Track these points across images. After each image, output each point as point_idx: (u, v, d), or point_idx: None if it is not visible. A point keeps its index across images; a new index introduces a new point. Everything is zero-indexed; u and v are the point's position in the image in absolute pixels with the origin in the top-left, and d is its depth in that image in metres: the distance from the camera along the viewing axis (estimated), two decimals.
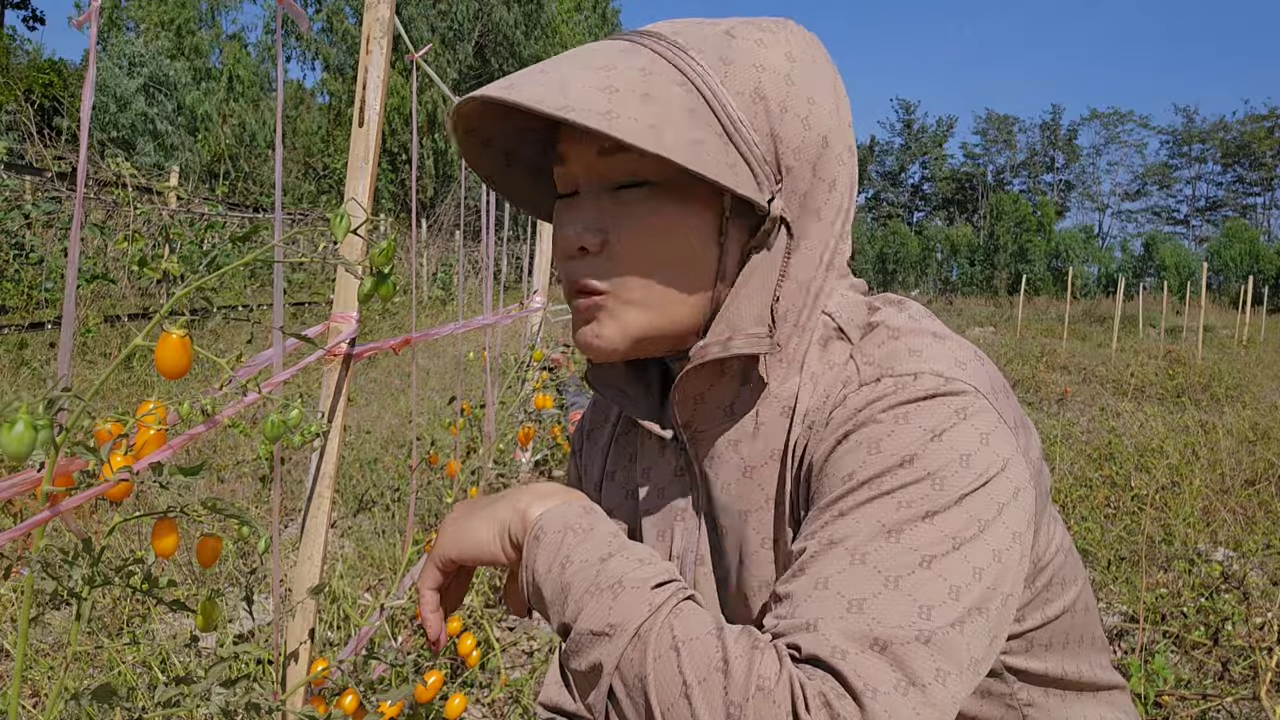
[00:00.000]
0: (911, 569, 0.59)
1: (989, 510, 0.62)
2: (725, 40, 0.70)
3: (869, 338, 0.73)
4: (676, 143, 0.64)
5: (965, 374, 0.67)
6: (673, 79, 0.68)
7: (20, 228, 8.41)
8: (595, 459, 0.93)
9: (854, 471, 0.65)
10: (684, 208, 0.70)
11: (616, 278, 0.72)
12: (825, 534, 0.63)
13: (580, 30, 37.85)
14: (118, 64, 23.72)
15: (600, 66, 0.67)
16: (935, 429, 0.64)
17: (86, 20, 1.05)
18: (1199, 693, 2.35)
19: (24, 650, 0.69)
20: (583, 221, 0.72)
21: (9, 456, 0.65)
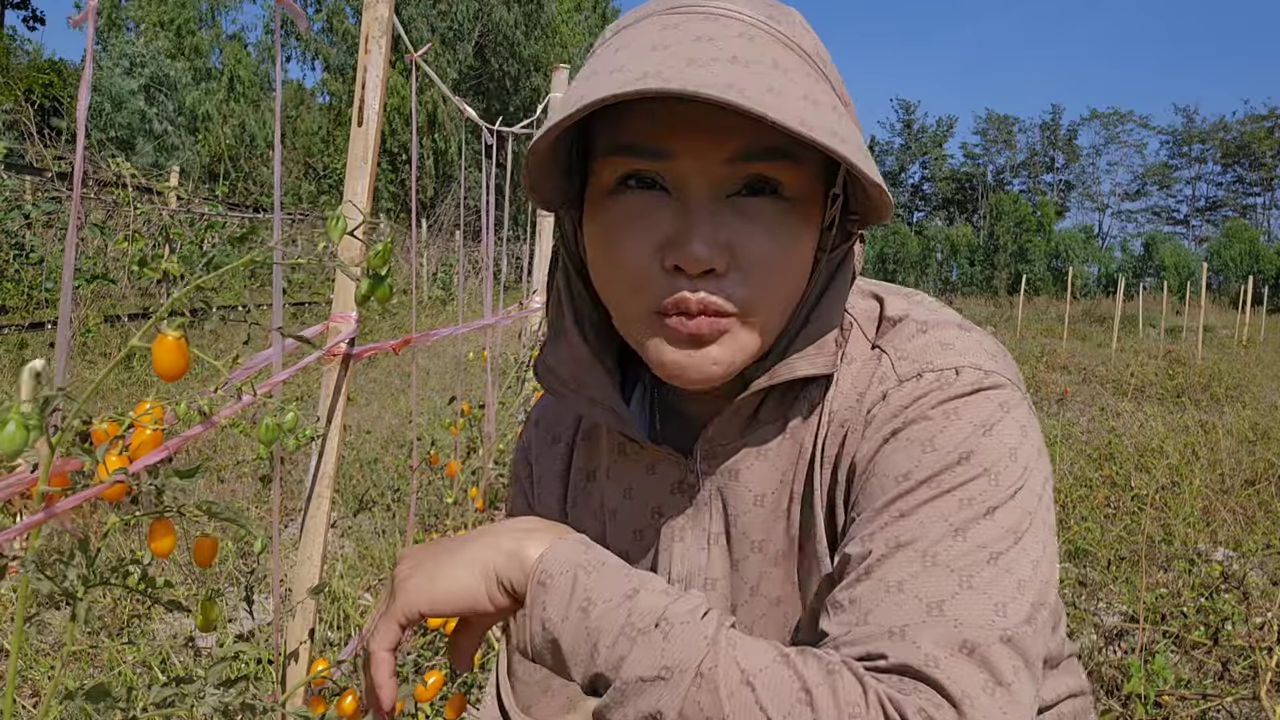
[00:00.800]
0: (982, 566, 0.59)
1: (1032, 501, 0.62)
2: (809, 35, 0.65)
3: (896, 331, 0.71)
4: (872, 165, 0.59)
5: (999, 366, 0.67)
6: (826, 85, 0.63)
7: (20, 228, 8.42)
8: (551, 485, 0.86)
9: (909, 470, 0.63)
10: (805, 221, 0.65)
11: (745, 300, 0.64)
12: (888, 535, 0.61)
13: (580, 30, 37.84)
14: (118, 64, 23.72)
15: (773, 64, 0.59)
16: (985, 423, 0.63)
17: (84, 20, 1.05)
18: (1199, 693, 2.35)
19: (19, 648, 0.69)
20: (709, 238, 0.62)
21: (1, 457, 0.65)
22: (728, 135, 0.61)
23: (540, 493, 0.86)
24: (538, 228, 3.86)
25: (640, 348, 0.67)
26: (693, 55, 0.58)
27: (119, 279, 9.07)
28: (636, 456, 0.78)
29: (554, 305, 0.75)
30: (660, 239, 0.63)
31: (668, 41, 0.60)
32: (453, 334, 2.58)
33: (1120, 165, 63.42)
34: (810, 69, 0.62)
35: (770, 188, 0.63)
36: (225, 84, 30.10)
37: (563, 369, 0.74)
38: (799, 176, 0.63)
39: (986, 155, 62.35)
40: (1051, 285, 43.66)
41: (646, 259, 0.64)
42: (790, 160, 0.62)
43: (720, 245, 0.62)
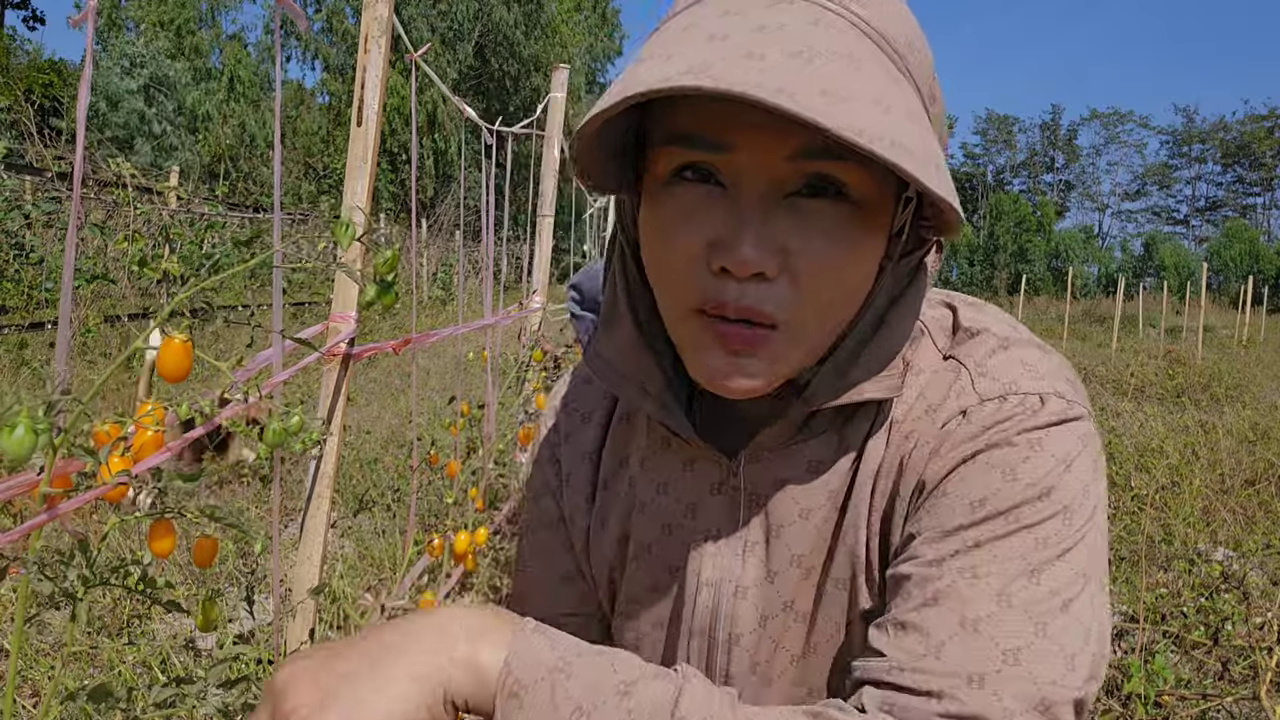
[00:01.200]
0: (1055, 613, 0.58)
1: (1098, 539, 0.62)
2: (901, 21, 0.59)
3: (975, 344, 0.67)
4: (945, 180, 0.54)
5: (1078, 395, 0.65)
6: (909, 85, 0.58)
7: (20, 228, 8.42)
8: (581, 468, 0.82)
9: (986, 497, 0.61)
10: (869, 226, 0.60)
11: (795, 309, 0.59)
12: (962, 564, 0.59)
13: (580, 30, 37.84)
14: (117, 64, 23.72)
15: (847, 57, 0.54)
16: (1066, 458, 0.61)
17: (84, 20, 1.05)
18: (1199, 692, 2.35)
19: (19, 648, 0.69)
20: (760, 241, 0.57)
21: (9, 460, 0.65)
22: (789, 132, 0.56)
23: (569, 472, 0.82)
24: (538, 228, 3.86)
25: (680, 348, 0.65)
26: (750, 48, 0.53)
27: (119, 279, 9.07)
28: (677, 450, 0.74)
29: (609, 290, 0.71)
30: (710, 237, 0.59)
31: (727, 30, 0.55)
32: (453, 334, 2.58)
33: (1120, 165, 63.44)
34: (889, 64, 0.56)
35: (833, 188, 0.58)
36: (225, 84, 30.11)
37: (614, 356, 0.71)
38: (865, 178, 0.58)
39: (986, 155, 62.39)
40: (1051, 285, 43.67)
41: (694, 257, 0.60)
42: (856, 160, 0.57)
43: (773, 248, 0.58)
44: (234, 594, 2.68)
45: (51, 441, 0.64)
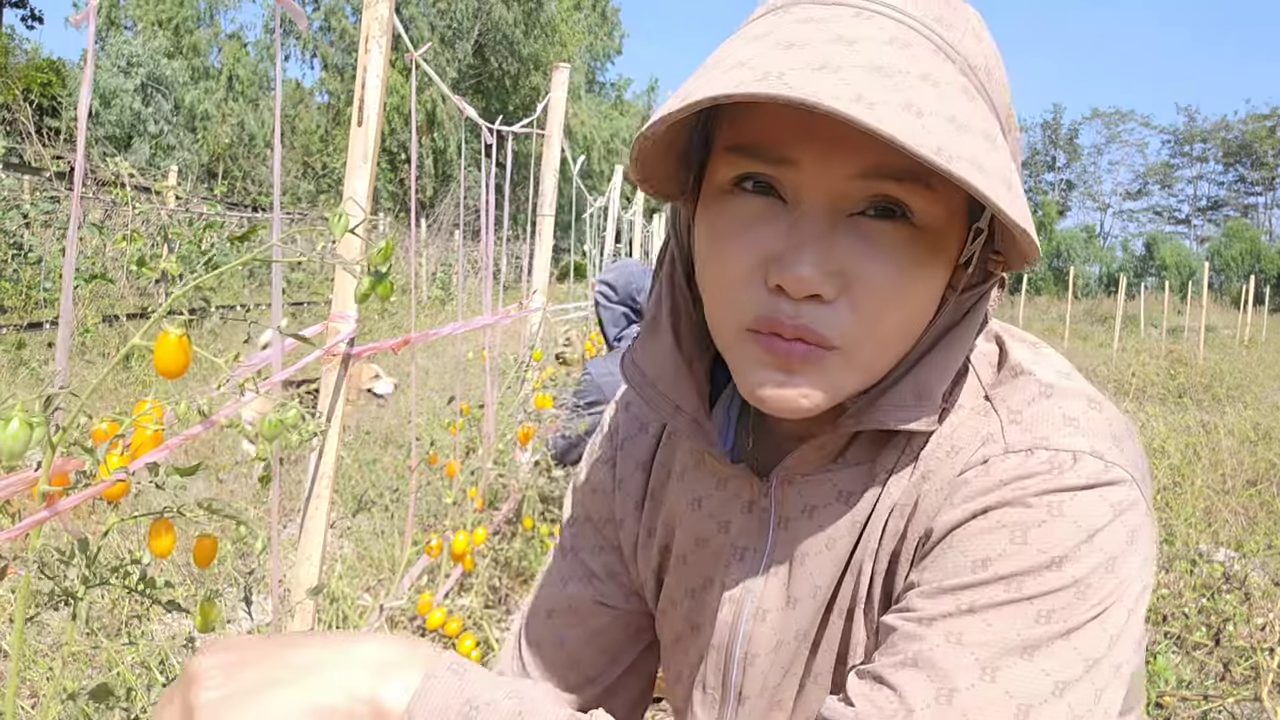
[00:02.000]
0: (1044, 698, 0.54)
1: (1119, 620, 0.57)
2: (977, 43, 0.57)
3: (1015, 387, 0.63)
4: (1019, 205, 0.52)
5: (1123, 457, 0.59)
6: (987, 107, 0.56)
7: (19, 227, 8.42)
8: (634, 474, 0.81)
9: (990, 559, 0.56)
10: (937, 252, 0.58)
11: (850, 333, 0.57)
12: (950, 627, 0.56)
13: (580, 29, 37.85)
14: (115, 63, 23.72)
15: (924, 76, 0.52)
16: (1090, 528, 0.56)
17: (84, 19, 1.05)
18: (1201, 693, 2.35)
19: (20, 649, 0.69)
20: (819, 261, 0.55)
21: (4, 455, 0.65)
22: (858, 149, 0.54)
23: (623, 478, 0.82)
24: (538, 227, 3.86)
25: (731, 364, 0.62)
26: (826, 59, 0.51)
27: (117, 279, 9.07)
28: (712, 467, 0.73)
29: (654, 299, 0.70)
30: (767, 252, 0.57)
31: (805, 38, 0.53)
32: (452, 333, 2.58)
33: (1122, 164, 63.47)
34: (969, 84, 0.55)
35: (899, 211, 0.56)
36: (224, 83, 30.12)
37: (651, 369, 0.69)
38: (934, 203, 0.56)
39: None
40: (1053, 285, 43.68)
41: (749, 271, 0.58)
42: (925, 184, 0.55)
43: (832, 269, 0.56)
44: (233, 594, 2.67)
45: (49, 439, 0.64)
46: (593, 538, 0.85)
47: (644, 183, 0.63)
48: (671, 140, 0.61)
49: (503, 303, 3.61)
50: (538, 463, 3.44)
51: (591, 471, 0.86)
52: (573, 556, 0.86)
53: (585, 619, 0.83)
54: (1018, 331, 0.70)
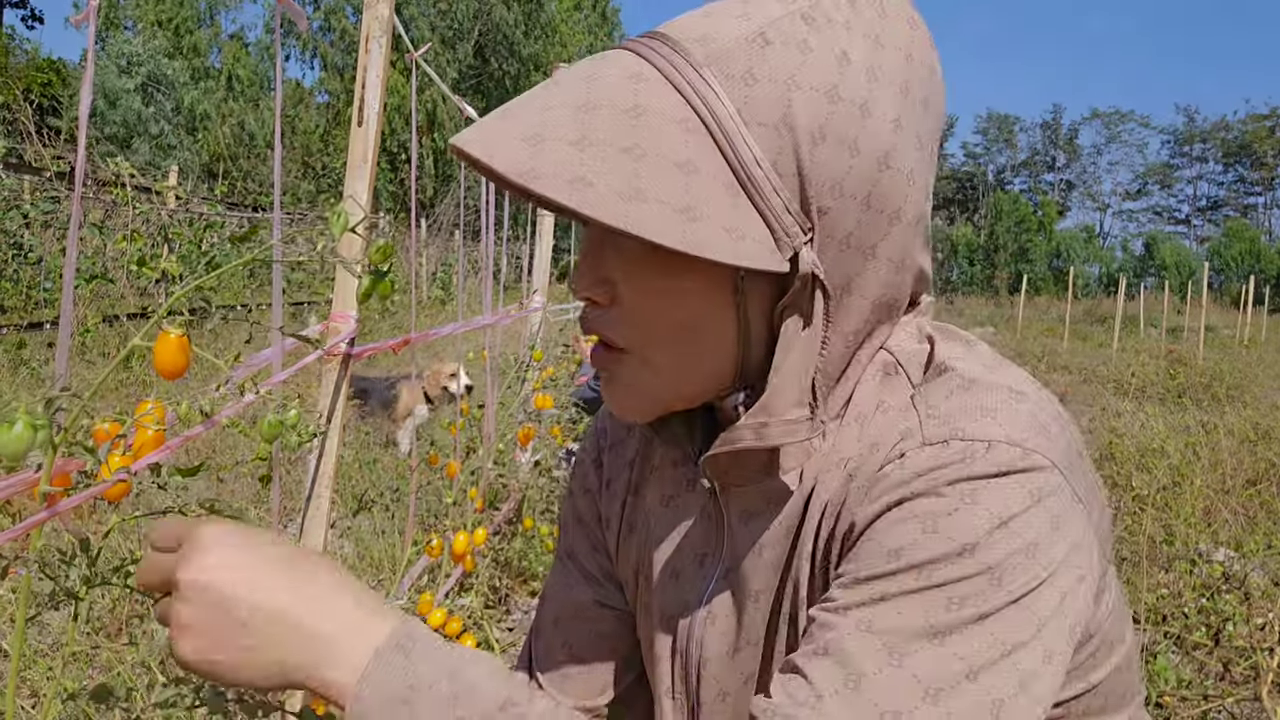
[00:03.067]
0: (955, 681, 0.54)
1: (1047, 605, 0.56)
2: (755, 50, 0.57)
3: (936, 384, 0.63)
4: (659, 214, 0.54)
5: (1046, 444, 0.59)
6: (672, 115, 0.57)
7: (19, 228, 8.42)
8: (621, 473, 0.84)
9: (902, 549, 0.57)
10: (689, 268, 0.60)
11: (631, 337, 0.64)
12: (860, 616, 0.57)
13: (580, 29, 37.85)
14: (116, 63, 23.72)
15: (581, 104, 0.57)
16: (1004, 515, 0.56)
17: (85, 19, 1.05)
18: (1200, 693, 2.35)
19: (20, 650, 0.69)
20: (588, 271, 0.64)
21: (7, 457, 0.65)
22: None
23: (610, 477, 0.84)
24: (538, 228, 3.86)
25: None
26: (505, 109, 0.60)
27: (117, 279, 9.07)
28: (681, 469, 0.76)
29: None
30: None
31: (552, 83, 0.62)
32: (452, 333, 2.58)
33: (1121, 165, 63.51)
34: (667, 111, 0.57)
35: None
36: (224, 83, 30.12)
37: None
38: None
39: (987, 155, 62.42)
40: (1052, 285, 43.70)
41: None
42: None
43: (600, 278, 0.63)
44: None
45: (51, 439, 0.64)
46: (586, 540, 0.86)
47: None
48: None
49: (503, 303, 3.61)
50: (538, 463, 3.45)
51: (581, 473, 0.88)
52: (571, 561, 0.87)
53: (591, 623, 0.83)
54: (955, 331, 0.70)
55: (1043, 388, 0.66)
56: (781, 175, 0.57)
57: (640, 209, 0.54)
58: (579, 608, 0.84)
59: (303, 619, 0.56)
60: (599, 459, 0.86)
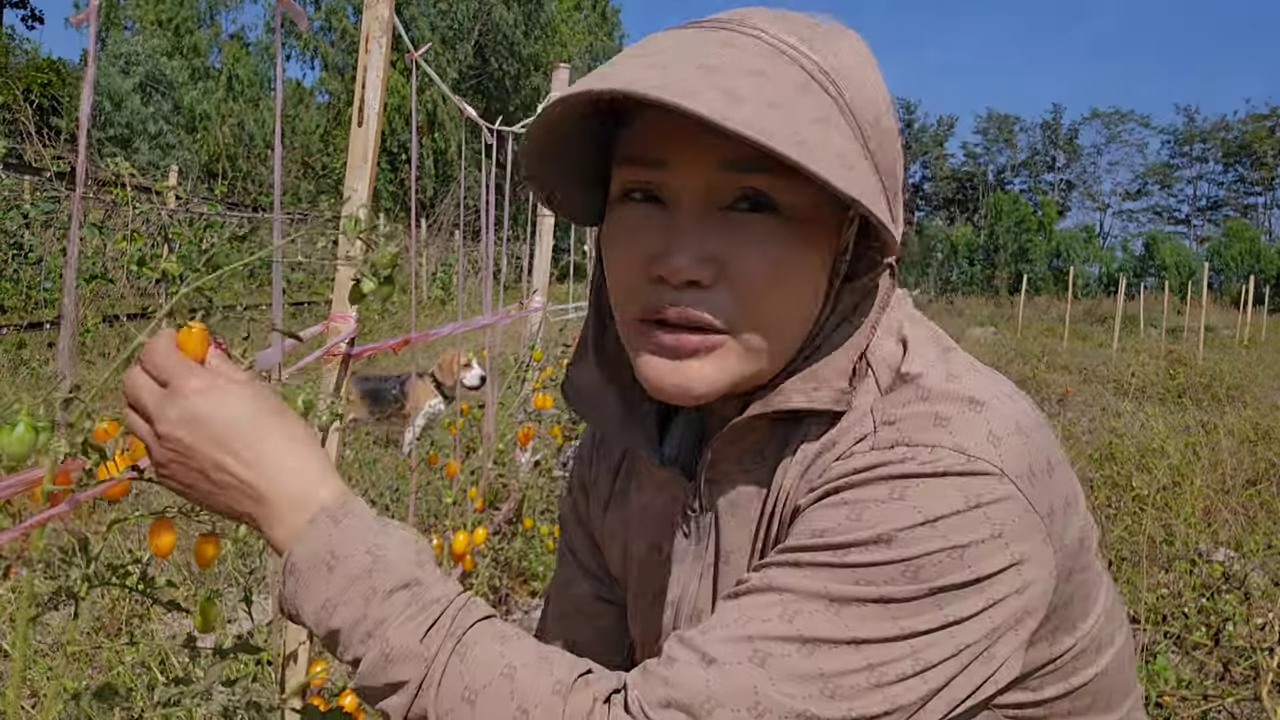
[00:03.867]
0: (837, 644, 0.55)
1: (968, 609, 0.56)
2: (844, 55, 0.61)
3: (900, 392, 0.64)
4: (865, 184, 0.56)
5: (996, 453, 0.59)
6: (826, 100, 0.59)
7: (19, 228, 8.42)
8: (605, 476, 0.85)
9: (825, 530, 0.58)
10: (809, 241, 0.61)
11: (733, 317, 0.61)
12: (768, 573, 0.59)
13: (580, 29, 37.83)
14: (114, 63, 23.71)
15: (754, 70, 0.57)
16: (932, 514, 0.56)
17: (85, 20, 1.05)
18: (1200, 693, 2.35)
19: (23, 651, 0.69)
20: (692, 248, 0.60)
21: (9, 458, 0.65)
22: (715, 145, 0.59)
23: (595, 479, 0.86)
24: (538, 228, 3.86)
25: (633, 364, 0.66)
26: (664, 61, 0.57)
27: (117, 279, 9.06)
28: (656, 473, 0.76)
29: (585, 322, 0.75)
30: (650, 251, 0.62)
31: (653, 49, 0.59)
32: (452, 333, 2.58)
33: (1121, 165, 63.52)
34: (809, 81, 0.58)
35: (767, 204, 0.60)
36: (224, 83, 30.11)
37: (581, 384, 0.74)
38: (797, 192, 0.60)
39: (987, 155, 62.40)
40: (1052, 285, 43.69)
41: (636, 271, 0.63)
42: (785, 175, 0.58)
43: (705, 257, 0.60)
44: (233, 594, 2.67)
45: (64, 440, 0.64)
46: (584, 537, 0.88)
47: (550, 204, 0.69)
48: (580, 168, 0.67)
49: (503, 303, 3.61)
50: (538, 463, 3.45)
51: (578, 471, 0.89)
52: (571, 557, 0.89)
53: (592, 617, 0.85)
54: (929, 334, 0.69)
55: (1016, 396, 0.65)
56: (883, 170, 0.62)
57: (849, 175, 0.55)
58: (579, 603, 0.85)
59: (256, 485, 0.63)
60: (590, 459, 0.88)
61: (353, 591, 0.59)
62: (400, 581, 0.60)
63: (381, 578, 0.60)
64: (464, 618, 0.59)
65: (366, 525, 0.62)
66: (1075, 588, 0.66)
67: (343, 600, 0.59)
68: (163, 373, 0.64)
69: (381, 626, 0.58)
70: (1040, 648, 0.66)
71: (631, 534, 0.80)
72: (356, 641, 0.59)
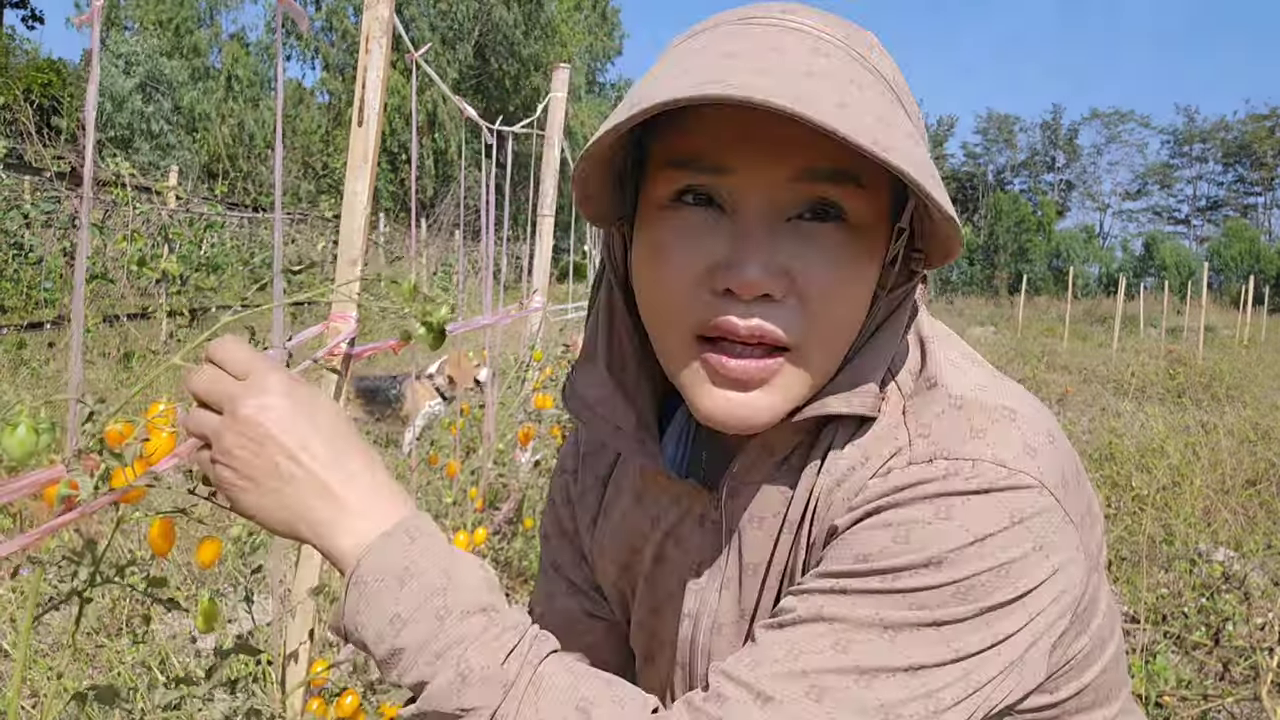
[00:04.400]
0: (895, 676, 0.54)
1: (1012, 626, 0.57)
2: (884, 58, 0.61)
3: (927, 399, 0.63)
4: (944, 196, 0.55)
5: (1034, 465, 0.58)
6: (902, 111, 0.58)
7: (19, 228, 8.42)
8: (593, 488, 0.82)
9: (871, 554, 0.57)
10: (869, 251, 0.60)
11: (801, 332, 0.59)
12: (818, 601, 0.58)
13: (580, 29, 37.82)
14: (115, 63, 23.71)
15: (850, 79, 0.55)
16: (979, 533, 0.56)
17: (87, 21, 1.05)
18: (1200, 693, 2.35)
19: (25, 651, 0.69)
20: (766, 261, 0.57)
21: (11, 460, 0.65)
22: (792, 152, 0.56)
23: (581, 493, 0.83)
24: (538, 228, 3.86)
25: (679, 384, 0.63)
26: (763, 65, 0.54)
27: (118, 279, 9.07)
28: (663, 485, 0.73)
29: (590, 328, 0.71)
30: (712, 260, 0.58)
31: (737, 50, 0.56)
32: (452, 333, 2.58)
33: (1121, 165, 63.49)
34: (886, 90, 0.58)
35: (835, 212, 0.58)
36: (223, 83, 30.11)
37: (589, 394, 0.70)
38: (865, 203, 0.58)
39: (987, 155, 62.38)
40: (1052, 285, 43.69)
41: (694, 281, 0.59)
42: (857, 184, 0.57)
43: (777, 269, 0.57)
44: (234, 595, 2.67)
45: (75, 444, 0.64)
46: (569, 551, 0.85)
47: (584, 204, 0.65)
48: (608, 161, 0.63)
49: (503, 303, 3.61)
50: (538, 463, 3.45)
51: (561, 484, 0.86)
52: (555, 572, 0.86)
53: (579, 634, 0.82)
54: (953, 339, 0.69)
55: (1038, 404, 0.65)
56: None
57: (942, 195, 0.54)
58: (568, 619, 0.83)
59: (330, 484, 0.60)
60: (575, 470, 0.85)
61: (426, 609, 0.57)
62: (477, 605, 0.57)
63: (457, 597, 0.57)
64: (539, 647, 0.58)
65: (442, 547, 0.59)
66: (1092, 590, 0.67)
67: (414, 617, 0.57)
68: (242, 366, 0.62)
69: (457, 647, 0.56)
70: (1059, 651, 0.67)
71: (628, 546, 0.77)
72: (423, 662, 0.56)
